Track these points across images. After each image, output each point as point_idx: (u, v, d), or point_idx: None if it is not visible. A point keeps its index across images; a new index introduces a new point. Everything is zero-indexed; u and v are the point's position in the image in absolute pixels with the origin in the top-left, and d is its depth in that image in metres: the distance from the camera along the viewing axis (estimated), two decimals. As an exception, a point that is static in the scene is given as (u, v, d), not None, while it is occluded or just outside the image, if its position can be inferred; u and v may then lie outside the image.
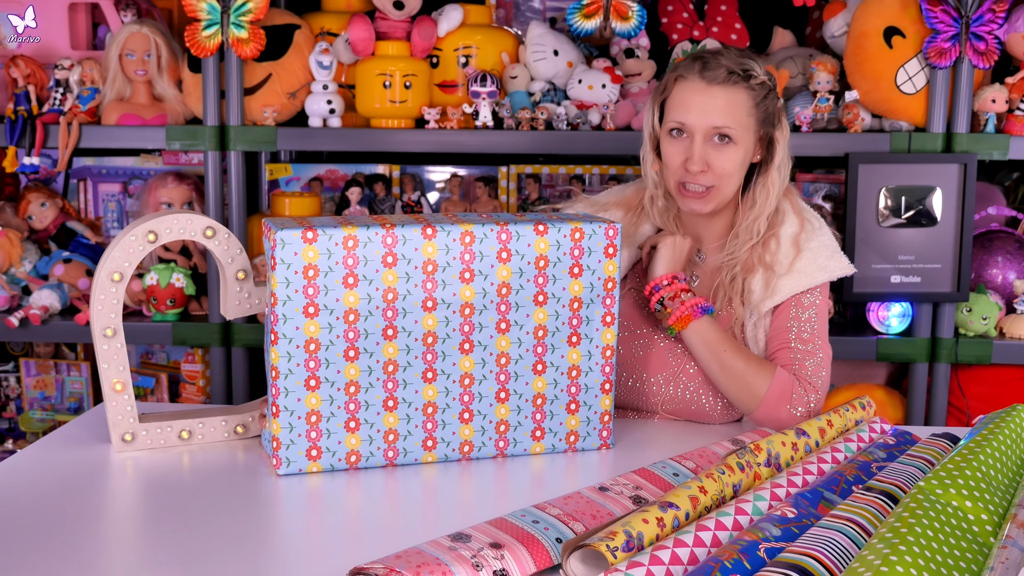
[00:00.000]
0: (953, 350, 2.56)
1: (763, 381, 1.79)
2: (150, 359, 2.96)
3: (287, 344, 1.52)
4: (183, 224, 1.64)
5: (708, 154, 1.80)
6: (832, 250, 1.89)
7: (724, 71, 1.80)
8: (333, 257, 1.51)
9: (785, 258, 1.87)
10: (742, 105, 1.80)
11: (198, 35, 2.47)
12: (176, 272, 2.60)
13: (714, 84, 1.80)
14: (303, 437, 1.55)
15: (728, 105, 1.79)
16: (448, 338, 1.59)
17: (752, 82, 1.81)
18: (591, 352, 1.66)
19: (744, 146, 1.82)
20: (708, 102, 1.79)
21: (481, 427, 1.63)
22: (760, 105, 1.83)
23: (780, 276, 1.86)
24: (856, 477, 1.42)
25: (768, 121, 1.85)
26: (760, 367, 1.80)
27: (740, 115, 1.80)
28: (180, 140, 2.56)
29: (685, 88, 1.82)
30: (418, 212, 2.80)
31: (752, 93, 1.81)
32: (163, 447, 1.67)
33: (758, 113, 1.83)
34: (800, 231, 1.89)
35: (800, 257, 1.87)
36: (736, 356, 1.80)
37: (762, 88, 1.83)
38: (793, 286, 1.85)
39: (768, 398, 1.78)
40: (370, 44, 2.55)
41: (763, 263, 1.87)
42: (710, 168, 1.81)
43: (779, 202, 1.89)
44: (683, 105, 1.82)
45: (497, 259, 1.58)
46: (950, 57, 2.44)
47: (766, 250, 1.88)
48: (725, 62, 1.81)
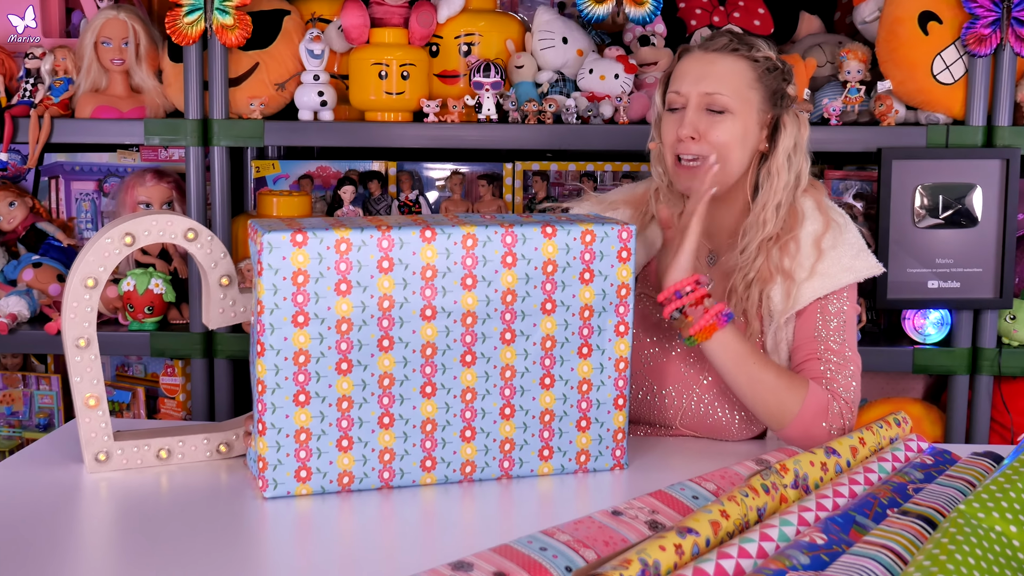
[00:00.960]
0: (996, 361, 2.55)
1: (797, 396, 1.77)
2: (126, 371, 2.96)
3: (274, 356, 1.52)
4: (163, 226, 1.64)
5: (700, 121, 1.83)
6: (858, 248, 1.89)
7: (725, 39, 1.86)
8: (324, 262, 1.51)
9: (806, 261, 1.86)
10: (740, 75, 1.84)
11: (179, 21, 2.48)
12: (155, 277, 2.60)
13: (711, 51, 1.86)
14: (291, 457, 1.55)
15: (724, 72, 1.84)
16: (449, 349, 1.58)
17: (755, 53, 1.86)
18: (603, 364, 1.66)
19: (743, 120, 1.84)
20: (703, 68, 1.84)
21: (484, 446, 1.62)
22: (763, 80, 1.85)
23: (801, 282, 1.85)
24: (891, 500, 1.42)
25: (775, 102, 1.87)
26: (792, 381, 1.79)
27: (737, 84, 1.83)
28: (160, 134, 2.56)
29: (686, 60, 1.89)
30: (416, 212, 2.80)
31: (753, 64, 1.85)
32: (140, 467, 1.67)
33: (761, 88, 1.85)
34: (824, 231, 1.88)
35: (822, 259, 1.86)
36: (766, 369, 1.78)
37: (766, 62, 1.86)
38: (816, 290, 1.84)
39: (803, 414, 1.77)
40: (365, 31, 2.55)
41: (781, 270, 1.86)
42: (703, 137, 1.83)
43: (797, 200, 1.89)
44: (679, 75, 1.88)
45: (502, 264, 1.58)
46: (990, 44, 2.44)
47: (784, 254, 1.86)
48: (728, 35, 1.87)
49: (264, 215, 2.62)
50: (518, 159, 2.85)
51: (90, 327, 1.62)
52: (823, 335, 1.83)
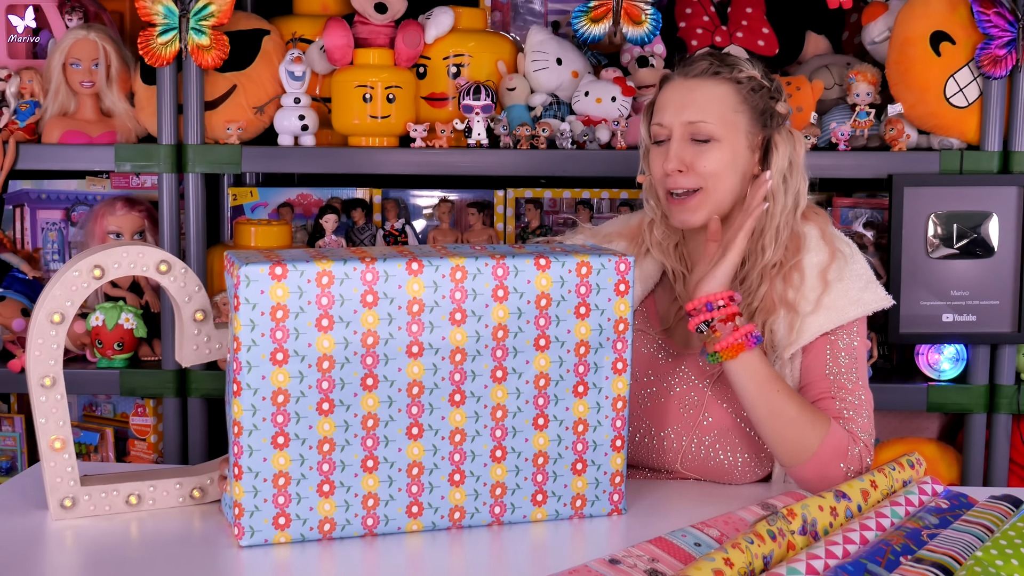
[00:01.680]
0: (1015, 399, 2.56)
1: (818, 433, 1.77)
2: (94, 411, 2.95)
3: (252, 395, 1.52)
4: (133, 257, 1.64)
5: (686, 153, 1.86)
6: (866, 280, 1.90)
7: (705, 63, 1.89)
8: (305, 296, 1.52)
9: (811, 293, 1.87)
10: (723, 99, 1.86)
11: (153, 42, 2.49)
12: (125, 312, 2.60)
13: (691, 77, 1.88)
14: (269, 503, 1.55)
15: (706, 99, 1.86)
16: (436, 388, 1.59)
17: (737, 74, 1.88)
18: (600, 404, 1.66)
19: (731, 146, 1.86)
20: (684, 96, 1.87)
21: (474, 490, 1.62)
22: (748, 101, 1.88)
23: (806, 315, 1.86)
24: (904, 546, 1.42)
25: (764, 122, 1.89)
26: (815, 416, 1.78)
27: (721, 110, 1.86)
28: (131, 160, 2.57)
29: (666, 89, 1.92)
30: (402, 243, 2.81)
31: (736, 87, 1.87)
32: (108, 514, 1.66)
33: (747, 110, 1.87)
34: (830, 262, 1.89)
35: (828, 291, 1.87)
36: (790, 399, 1.77)
37: (750, 81, 1.88)
38: (822, 324, 1.85)
39: (822, 452, 1.76)
40: (348, 52, 2.57)
41: (785, 302, 1.86)
42: (691, 169, 1.85)
43: (798, 225, 1.90)
44: (661, 105, 1.91)
45: (492, 298, 1.59)
46: (1006, 66, 2.46)
47: (788, 285, 1.87)
48: (708, 59, 1.90)
49: (241, 246, 2.62)
50: (510, 186, 2.86)
51: (56, 365, 1.62)
52: (835, 372, 1.83)
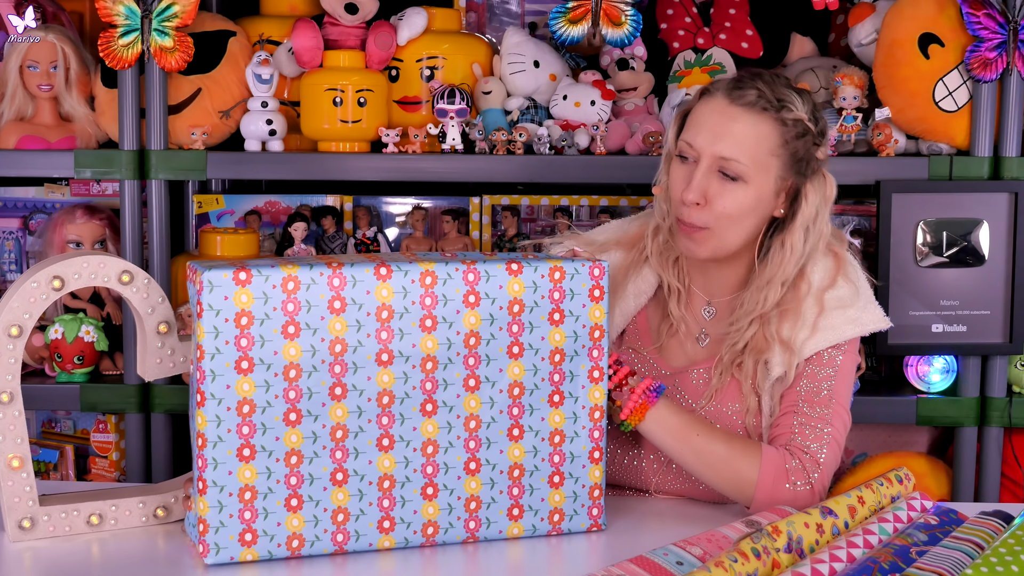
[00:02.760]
0: (1006, 411, 2.56)
1: (753, 463, 1.76)
2: (53, 428, 2.94)
3: (215, 406, 1.51)
4: (94, 267, 1.63)
5: (709, 186, 1.79)
6: (867, 299, 1.88)
7: (755, 93, 1.79)
8: (270, 302, 1.51)
9: (808, 317, 1.83)
10: (764, 138, 1.79)
11: (114, 43, 2.48)
12: (85, 324, 2.59)
13: (736, 104, 1.79)
14: (235, 518, 1.54)
15: (745, 135, 1.78)
16: (407, 398, 1.58)
17: (785, 114, 1.80)
18: (576, 414, 1.66)
19: (757, 189, 1.80)
20: (724, 124, 1.79)
21: (448, 505, 1.62)
22: (789, 145, 1.81)
23: (803, 343, 1.83)
24: (892, 564, 1.42)
25: (799, 169, 1.83)
26: (745, 447, 1.78)
27: (758, 150, 1.79)
28: (92, 167, 2.56)
29: (706, 104, 1.83)
30: (375, 251, 2.80)
31: (782, 128, 1.80)
32: (68, 535, 1.65)
33: (785, 154, 1.81)
34: (830, 285, 1.86)
35: (825, 314, 1.84)
36: (713, 439, 1.77)
37: (796, 125, 1.81)
38: (816, 344, 1.84)
39: (763, 481, 1.75)
40: (318, 54, 2.57)
41: (780, 340, 1.83)
42: (708, 204, 1.79)
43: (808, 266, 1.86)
44: (696, 123, 1.82)
45: (464, 304, 1.59)
46: (996, 69, 2.48)
47: (783, 321, 1.84)
48: (760, 85, 1.80)
49: (207, 255, 2.61)
50: (486, 193, 2.86)
51: (14, 380, 1.61)
52: (806, 386, 1.82)
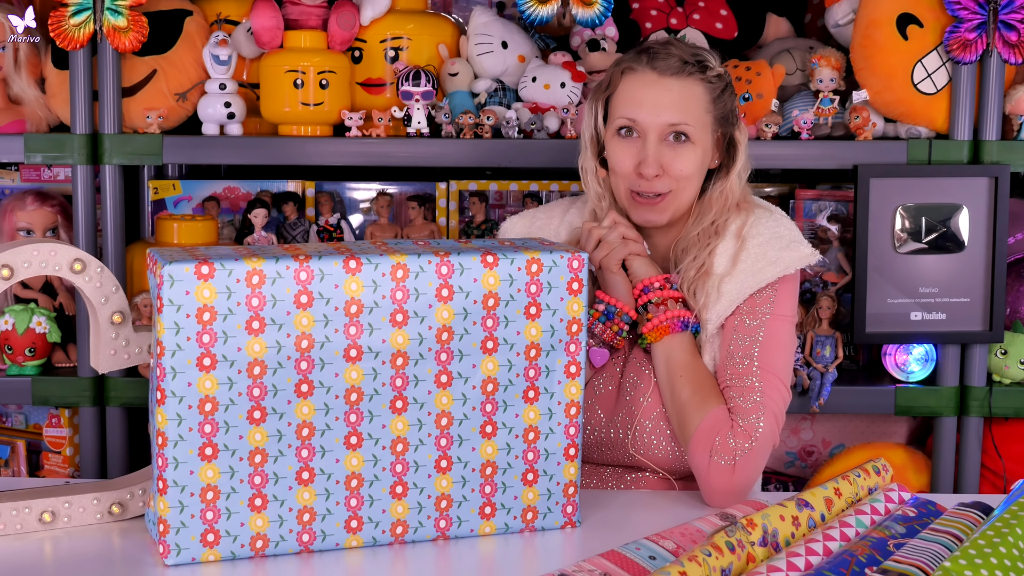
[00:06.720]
0: (986, 401, 2.59)
1: (696, 417, 1.85)
2: (4, 422, 2.93)
3: (176, 404, 1.52)
4: (45, 256, 1.63)
5: (663, 155, 1.91)
6: (788, 240, 1.94)
7: (677, 60, 1.91)
8: (234, 297, 1.51)
9: (725, 252, 1.93)
10: (699, 100, 1.92)
11: (65, 23, 2.47)
12: (37, 315, 2.58)
13: (666, 75, 1.91)
14: (196, 519, 1.54)
15: (684, 99, 1.91)
16: (376, 395, 1.59)
17: (708, 74, 1.93)
18: (552, 410, 1.67)
19: (702, 146, 1.93)
20: (661, 95, 1.91)
21: (418, 503, 1.63)
22: (718, 101, 1.94)
23: (722, 277, 1.91)
24: (870, 557, 1.44)
25: (726, 120, 1.96)
26: (702, 401, 1.85)
27: (697, 111, 1.92)
28: (42, 151, 2.55)
29: (634, 81, 1.93)
30: (338, 239, 2.80)
31: (709, 87, 1.93)
32: (20, 533, 1.65)
33: (715, 110, 1.94)
34: (745, 222, 1.96)
35: (744, 249, 1.92)
36: (687, 384, 1.87)
37: (719, 81, 1.95)
38: (738, 290, 1.90)
39: (695, 438, 1.84)
40: (278, 34, 2.56)
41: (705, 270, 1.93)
42: (666, 172, 1.91)
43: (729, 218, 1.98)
44: (632, 100, 1.92)
45: (436, 298, 1.59)
46: (976, 50, 2.49)
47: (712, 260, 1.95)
48: (677, 52, 1.93)
49: (163, 243, 2.61)
50: (453, 178, 2.87)
51: (-36, 373, 1.61)
52: (735, 354, 1.88)
